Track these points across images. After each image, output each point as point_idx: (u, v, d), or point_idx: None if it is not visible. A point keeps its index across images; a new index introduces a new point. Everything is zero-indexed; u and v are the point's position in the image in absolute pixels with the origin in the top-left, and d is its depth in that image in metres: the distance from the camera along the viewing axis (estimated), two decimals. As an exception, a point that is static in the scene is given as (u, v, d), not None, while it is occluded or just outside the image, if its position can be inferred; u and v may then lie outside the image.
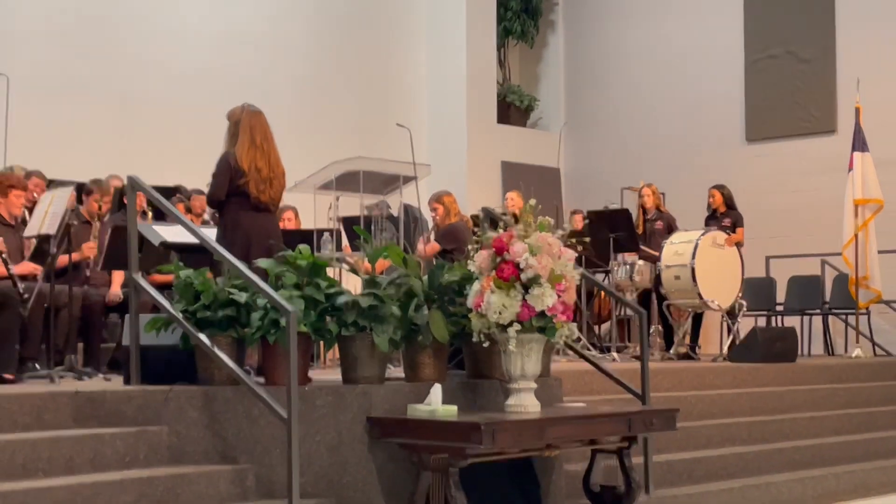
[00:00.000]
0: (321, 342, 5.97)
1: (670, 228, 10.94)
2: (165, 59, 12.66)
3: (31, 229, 7.10)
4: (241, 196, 6.62)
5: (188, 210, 9.84)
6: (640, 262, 10.50)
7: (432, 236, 9.89)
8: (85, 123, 11.95)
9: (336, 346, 5.87)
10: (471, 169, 14.84)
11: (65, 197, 6.88)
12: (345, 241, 9.54)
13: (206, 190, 7.79)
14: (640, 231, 10.98)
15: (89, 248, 7.81)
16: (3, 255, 6.87)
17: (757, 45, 14.53)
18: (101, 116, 12.10)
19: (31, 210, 7.81)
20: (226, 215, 6.73)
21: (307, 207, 9.36)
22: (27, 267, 7.24)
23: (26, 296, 6.79)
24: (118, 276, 8.06)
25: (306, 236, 8.30)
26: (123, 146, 12.01)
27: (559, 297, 5.56)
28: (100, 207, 8.07)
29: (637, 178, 12.38)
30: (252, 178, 6.59)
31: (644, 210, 11.19)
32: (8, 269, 6.83)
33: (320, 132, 13.61)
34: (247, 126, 6.68)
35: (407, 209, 9.53)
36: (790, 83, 14.23)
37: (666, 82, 15.23)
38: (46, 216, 6.90)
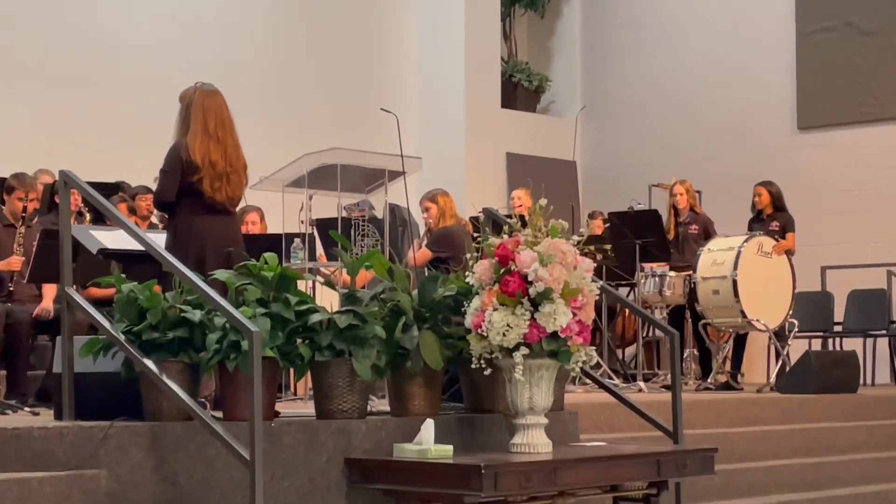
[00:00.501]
0: (290, 369, 5.97)
1: (707, 233, 10.95)
2: (107, 33, 12.67)
3: (-56, 234, 7.11)
4: (194, 195, 6.61)
5: (132, 212, 9.85)
6: (672, 273, 10.51)
7: (424, 242, 9.90)
8: (5, 108, 11.94)
9: (308, 373, 5.87)
10: (470, 162, 14.85)
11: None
12: (319, 249, 9.54)
13: (153, 187, 7.81)
14: (671, 236, 10.99)
15: (17, 262, 7.81)
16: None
17: (810, 16, 14.57)
18: (25, 100, 12.09)
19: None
20: (177, 218, 6.72)
21: (274, 208, 9.34)
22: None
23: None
24: (49, 289, 8.06)
25: (273, 242, 8.30)
26: (54, 135, 12.00)
27: (575, 315, 5.57)
28: (25, 209, 8.07)
29: (668, 173, 12.40)
30: (206, 173, 6.58)
31: (676, 211, 11.20)
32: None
33: (290, 119, 13.63)
34: (199, 110, 6.64)
35: (393, 210, 9.53)
36: (850, 60, 14.26)
37: (702, 60, 15.25)
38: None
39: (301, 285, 6.01)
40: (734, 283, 9.98)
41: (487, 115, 15.20)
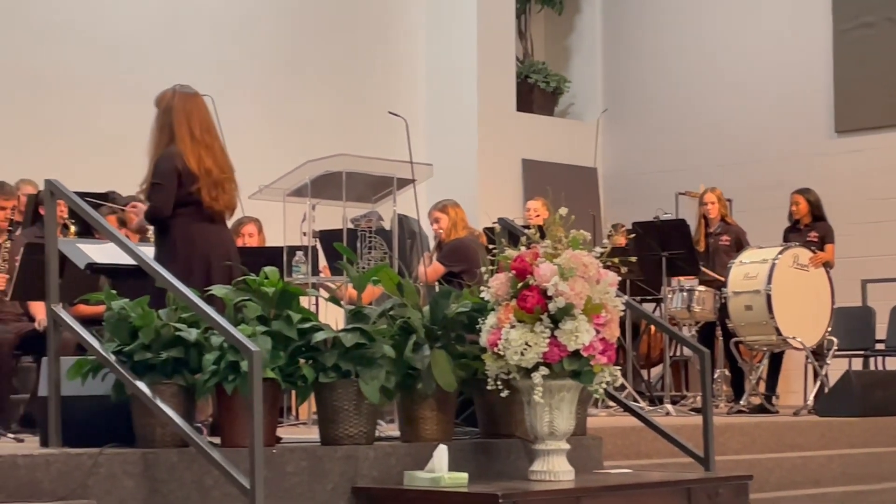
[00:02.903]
0: (293, 391, 5.97)
1: (739, 244, 10.95)
2: (96, 32, 12.69)
3: (-79, 249, 7.13)
4: (192, 205, 6.63)
5: (122, 224, 9.85)
6: (701, 287, 10.50)
7: (435, 256, 9.90)
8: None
9: (312, 396, 5.87)
10: (483, 169, 14.85)
11: (-35, 207, 6.90)
12: (323, 262, 9.54)
13: (143, 198, 7.81)
14: (700, 248, 10.98)
15: (0, 279, 7.82)
16: None
17: (848, 11, 14.56)
18: (5, 103, 12.11)
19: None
20: (173, 231, 6.71)
21: (274, 219, 9.35)
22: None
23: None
24: (38, 306, 8.06)
25: (273, 256, 8.30)
26: (37, 142, 12.02)
27: (598, 332, 5.58)
28: (11, 222, 8.08)
29: (696, 180, 12.37)
30: (204, 182, 6.60)
31: (706, 221, 11.20)
32: None
33: (291, 123, 13.64)
34: (181, 115, 6.65)
35: (402, 221, 9.53)
36: (891, 59, 14.24)
37: (733, 59, 15.24)
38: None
39: (303, 301, 6.02)
40: (768, 297, 9.96)
41: (502, 118, 15.20)
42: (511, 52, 15.53)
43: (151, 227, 9.67)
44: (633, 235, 10.73)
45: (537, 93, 16.18)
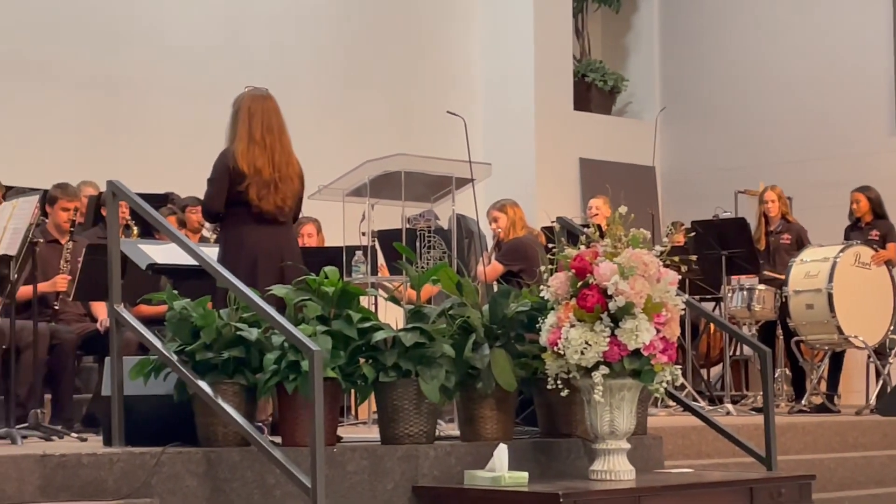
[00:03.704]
0: (353, 391, 5.99)
1: (800, 243, 10.88)
2: (151, 34, 12.79)
3: (-14, 250, 7.18)
4: (243, 205, 6.68)
5: (182, 224, 9.94)
6: (762, 286, 10.45)
7: (493, 255, 9.90)
8: (50, 116, 12.08)
9: (372, 395, 5.89)
10: (540, 169, 14.84)
11: (28, 209, 6.95)
12: (381, 262, 9.56)
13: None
14: (760, 247, 10.92)
15: (62, 281, 7.88)
16: (-48, 283, 6.95)
17: (909, 6, 14.43)
18: (66, 107, 12.22)
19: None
20: (226, 230, 6.79)
21: (333, 219, 9.37)
22: (-20, 298, 7.32)
23: (-20, 334, 6.87)
24: (100, 306, 8.13)
25: (332, 256, 8.32)
26: (99, 144, 12.13)
27: (658, 331, 5.56)
28: (73, 224, 8.14)
29: (755, 178, 12.32)
30: (252, 181, 6.64)
31: (766, 220, 11.14)
32: (-43, 301, 6.92)
33: (349, 124, 13.68)
34: (245, 115, 6.73)
35: (460, 221, 9.54)
36: (953, 54, 14.11)
37: (792, 56, 15.14)
38: (5, 233, 6.98)
39: (363, 301, 6.04)
40: (830, 296, 9.90)
41: (559, 117, 15.18)
42: (568, 50, 15.50)
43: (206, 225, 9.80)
44: (692, 234, 10.67)
45: (595, 91, 16.14)
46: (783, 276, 10.34)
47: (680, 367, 5.83)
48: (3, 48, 11.91)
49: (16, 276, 7.02)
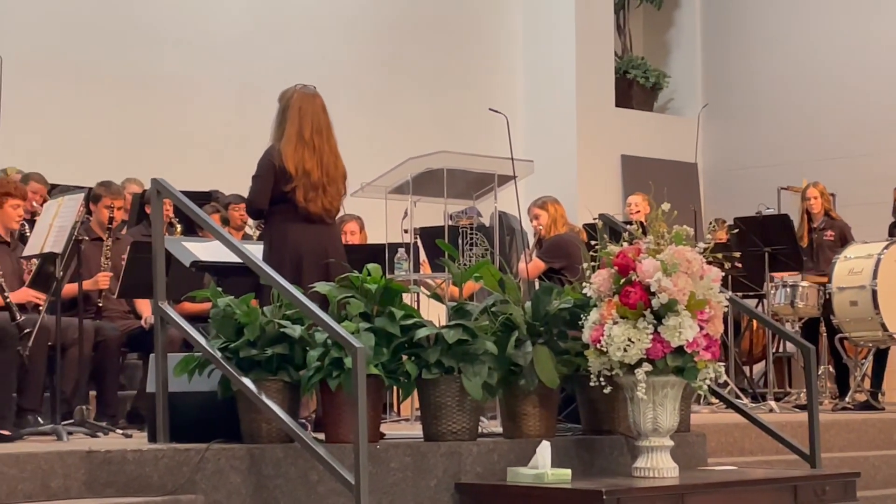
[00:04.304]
0: (396, 388, 6.00)
1: (843, 240, 10.82)
2: (192, 36, 12.84)
3: (32, 247, 7.22)
4: (288, 204, 6.69)
5: (225, 222, 9.98)
6: (805, 283, 10.39)
7: (535, 252, 9.89)
8: (89, 116, 12.15)
9: (415, 392, 5.89)
10: (582, 166, 14.82)
11: (73, 207, 6.99)
12: (423, 259, 9.56)
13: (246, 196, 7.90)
14: (803, 244, 10.87)
15: (104, 279, 7.92)
16: (-2, 280, 7.01)
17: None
18: (108, 106, 12.29)
19: (30, 223, 7.96)
20: (270, 227, 6.81)
21: (376, 217, 9.38)
22: (27, 294, 7.36)
23: (27, 330, 6.90)
24: (145, 303, 8.18)
25: (375, 253, 8.34)
26: (142, 143, 12.19)
27: (702, 328, 5.54)
28: (111, 220, 8.18)
29: (798, 175, 12.26)
30: (300, 183, 6.65)
31: (809, 216, 11.08)
32: (4, 298, 6.96)
33: (391, 121, 13.71)
34: (294, 114, 6.74)
35: (502, 218, 9.54)
36: None
37: (834, 52, 15.04)
38: (51, 231, 7.02)
39: (406, 298, 6.04)
40: (874, 293, 9.83)
41: (601, 114, 15.15)
42: (610, 47, 15.48)
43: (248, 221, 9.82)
44: (735, 231, 10.63)
45: (636, 88, 16.11)
46: (826, 273, 10.28)
47: (723, 364, 5.79)
48: (45, 49, 12.00)
49: (61, 273, 7.07)
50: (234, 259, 5.99)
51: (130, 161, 11.27)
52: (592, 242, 6.51)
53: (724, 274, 5.94)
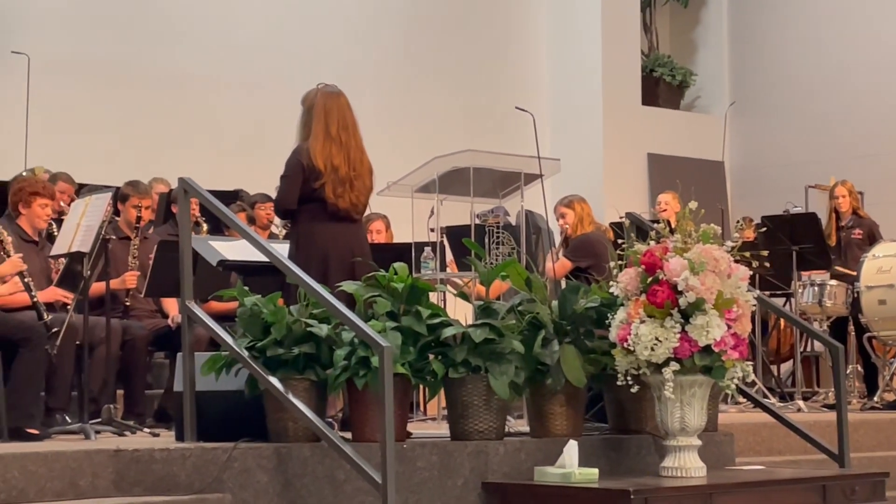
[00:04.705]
0: (423, 387, 6.00)
1: (872, 238, 10.78)
2: (219, 35, 12.87)
3: (60, 247, 7.26)
4: (316, 202, 6.71)
5: (251, 221, 9.99)
6: (833, 282, 10.36)
7: (561, 251, 9.88)
8: (120, 115, 12.19)
9: (442, 391, 5.89)
10: (608, 164, 14.81)
11: (101, 206, 7.01)
12: (450, 258, 9.56)
13: (273, 195, 7.91)
14: (831, 242, 10.83)
15: (131, 278, 7.96)
16: (26, 279, 7.03)
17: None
18: (140, 106, 12.33)
19: (57, 222, 7.99)
20: (298, 226, 6.82)
21: (402, 215, 9.39)
22: (54, 294, 7.39)
23: (54, 330, 6.93)
24: (172, 302, 8.20)
25: (401, 252, 8.34)
26: (168, 143, 12.23)
27: (729, 327, 5.53)
28: (138, 219, 8.21)
29: (825, 173, 12.21)
30: (329, 179, 6.67)
31: (837, 215, 11.04)
32: (32, 297, 6.99)
33: (417, 120, 13.71)
34: (321, 112, 6.76)
35: (528, 217, 9.52)
36: None
37: (861, 49, 14.98)
38: (78, 230, 7.04)
39: (432, 297, 6.05)
40: (902, 292, 9.80)
41: (627, 113, 15.13)
42: (636, 45, 15.46)
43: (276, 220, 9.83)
44: (762, 229, 10.60)
45: (663, 86, 16.08)
46: (854, 272, 10.24)
47: (751, 363, 5.78)
48: (72, 48, 12.05)
49: (89, 272, 7.10)
50: (261, 258, 6.00)
51: (157, 160, 11.30)
52: (619, 241, 6.51)
53: (751, 272, 5.93)
